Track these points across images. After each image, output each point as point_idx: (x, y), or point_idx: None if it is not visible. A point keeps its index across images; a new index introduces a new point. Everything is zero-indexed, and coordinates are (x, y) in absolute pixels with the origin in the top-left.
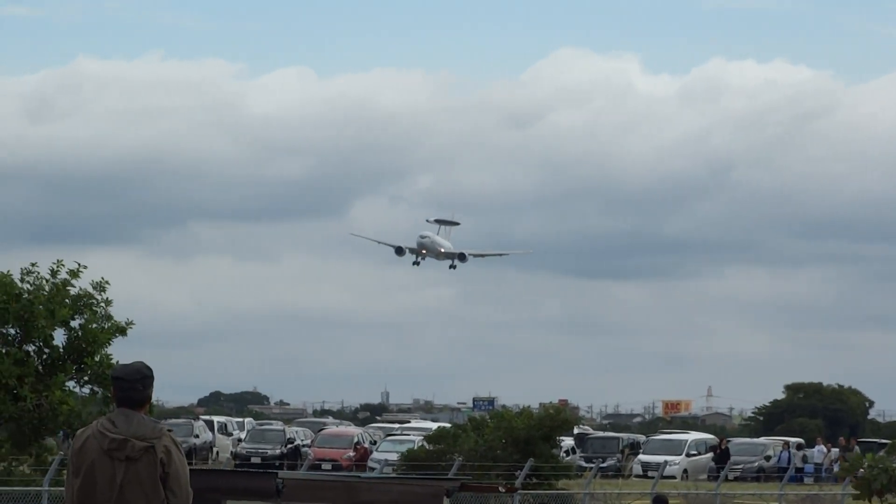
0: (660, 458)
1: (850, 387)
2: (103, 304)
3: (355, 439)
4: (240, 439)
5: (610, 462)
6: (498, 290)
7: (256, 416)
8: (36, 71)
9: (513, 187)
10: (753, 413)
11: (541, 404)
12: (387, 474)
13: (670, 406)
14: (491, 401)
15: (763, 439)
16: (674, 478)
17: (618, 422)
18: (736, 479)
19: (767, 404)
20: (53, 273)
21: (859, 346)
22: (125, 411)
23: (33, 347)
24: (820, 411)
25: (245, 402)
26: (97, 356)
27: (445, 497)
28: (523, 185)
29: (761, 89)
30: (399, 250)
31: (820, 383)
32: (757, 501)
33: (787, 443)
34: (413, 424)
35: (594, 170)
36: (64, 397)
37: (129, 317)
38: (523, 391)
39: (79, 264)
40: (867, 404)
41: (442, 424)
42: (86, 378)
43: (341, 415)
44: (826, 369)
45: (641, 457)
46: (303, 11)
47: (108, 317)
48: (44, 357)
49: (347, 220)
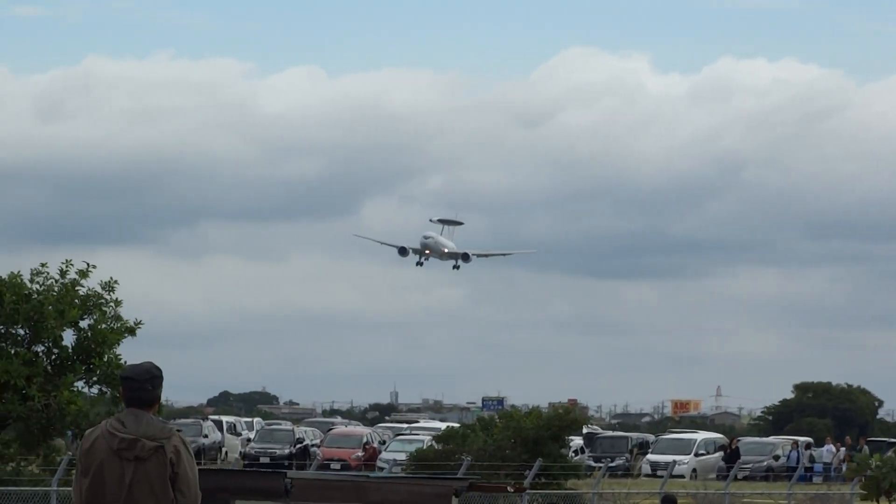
0: (669, 458)
1: (859, 386)
2: (112, 304)
3: (364, 439)
4: (249, 439)
5: (619, 462)
6: (508, 290)
7: (265, 416)
8: (46, 71)
9: (522, 187)
10: (762, 412)
11: (550, 404)
12: (396, 474)
13: (679, 406)
14: (500, 400)
15: (772, 439)
16: (683, 477)
17: (627, 421)
18: (745, 478)
19: (776, 404)
20: (62, 273)
21: (868, 345)
22: (134, 411)
23: (43, 348)
24: (829, 411)
25: (254, 402)
26: (106, 356)
27: (454, 497)
28: (533, 185)
29: (771, 88)
30: (402, 251)
31: (829, 383)
32: (766, 501)
33: (796, 442)
34: (422, 424)
35: (604, 169)
36: (72, 397)
37: (138, 317)
38: (532, 391)
39: (87, 264)
40: (876, 404)
41: (451, 424)
42: (95, 378)
43: (350, 415)
44: (835, 369)
45: (650, 456)
46: (313, 11)
47: (118, 317)
48: (53, 357)
49: (358, 220)
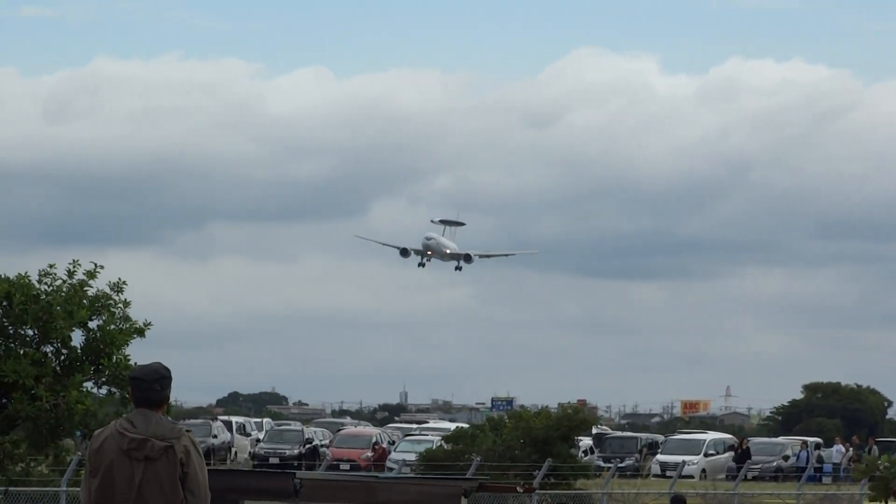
0: (678, 458)
1: (868, 386)
2: (121, 305)
3: (374, 439)
4: (258, 439)
5: (628, 462)
6: (516, 290)
7: (275, 417)
8: (53, 72)
9: (530, 187)
10: (772, 413)
11: (559, 404)
12: (405, 474)
13: (689, 406)
14: (509, 401)
15: (781, 439)
16: (692, 477)
17: (636, 422)
18: (754, 478)
19: (786, 404)
20: (70, 274)
21: (877, 345)
22: (143, 411)
23: (51, 348)
24: (838, 411)
25: (263, 403)
26: (115, 357)
27: (464, 497)
28: (541, 186)
29: (779, 89)
30: (404, 252)
31: (838, 383)
32: (775, 501)
33: (805, 442)
34: (431, 424)
35: (612, 170)
36: (81, 397)
37: (146, 317)
38: (542, 391)
39: (95, 265)
40: (885, 404)
41: (460, 424)
42: (103, 379)
43: (360, 415)
44: (844, 369)
45: (660, 457)
46: (320, 12)
47: (126, 318)
48: (62, 358)
49: (366, 221)
